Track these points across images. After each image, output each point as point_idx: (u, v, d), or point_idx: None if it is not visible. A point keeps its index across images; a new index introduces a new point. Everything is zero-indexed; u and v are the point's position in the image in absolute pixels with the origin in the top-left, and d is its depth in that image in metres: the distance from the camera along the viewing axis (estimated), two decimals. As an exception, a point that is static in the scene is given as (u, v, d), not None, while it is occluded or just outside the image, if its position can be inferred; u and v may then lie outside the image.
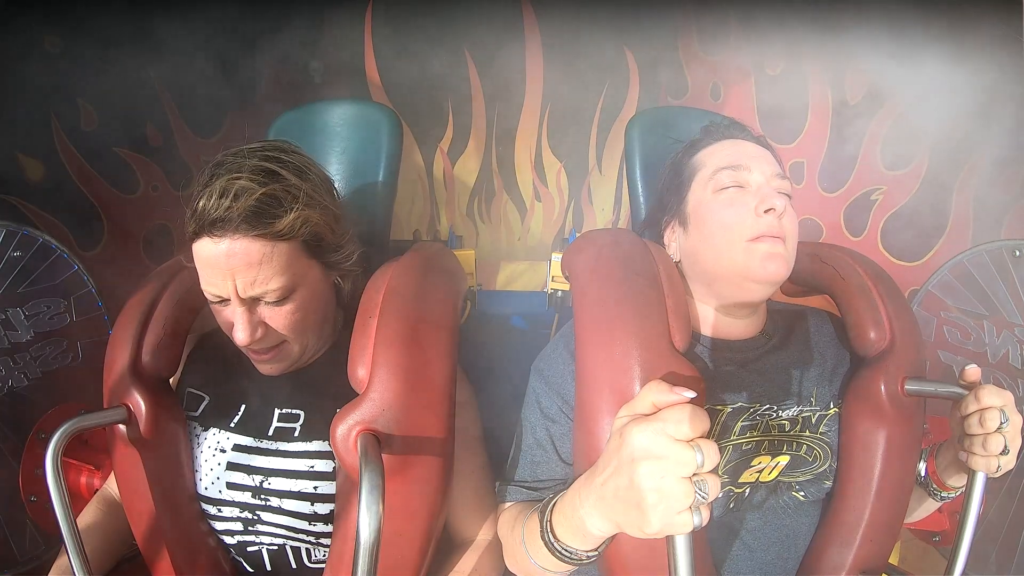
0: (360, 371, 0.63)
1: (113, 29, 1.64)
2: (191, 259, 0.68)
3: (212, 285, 0.66)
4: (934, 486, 0.73)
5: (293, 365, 0.76)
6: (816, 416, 0.72)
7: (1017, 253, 1.29)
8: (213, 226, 0.63)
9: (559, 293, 1.05)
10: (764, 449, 0.69)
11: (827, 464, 0.71)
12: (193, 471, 0.75)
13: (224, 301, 0.68)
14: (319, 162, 0.74)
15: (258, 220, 0.63)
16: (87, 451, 1.10)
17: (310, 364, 0.79)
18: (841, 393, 0.74)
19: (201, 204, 0.63)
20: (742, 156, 0.72)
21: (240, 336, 0.67)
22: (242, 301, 0.66)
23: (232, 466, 0.74)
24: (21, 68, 1.56)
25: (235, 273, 0.64)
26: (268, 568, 0.75)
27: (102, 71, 1.66)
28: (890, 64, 1.82)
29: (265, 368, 0.74)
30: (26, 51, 1.57)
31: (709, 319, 0.75)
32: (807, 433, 0.71)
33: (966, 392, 0.63)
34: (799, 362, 0.75)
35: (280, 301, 0.68)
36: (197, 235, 0.65)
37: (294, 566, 0.74)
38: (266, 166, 0.65)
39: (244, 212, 0.62)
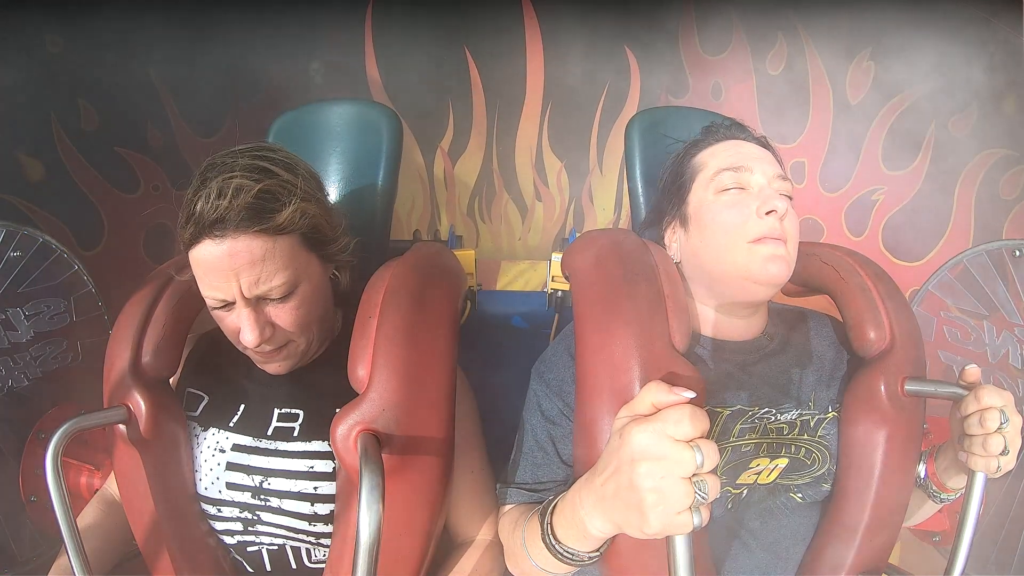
0: (360, 371, 0.63)
1: (113, 29, 1.64)
2: (181, 271, 0.68)
3: (215, 289, 0.65)
4: (934, 488, 0.73)
5: (299, 362, 0.76)
6: (815, 420, 0.72)
7: (1017, 253, 1.29)
8: (213, 227, 0.62)
9: (559, 293, 1.05)
10: (763, 451, 0.69)
11: (826, 467, 0.71)
12: (193, 471, 0.75)
13: (228, 305, 0.67)
14: (319, 162, 0.74)
15: (258, 216, 0.63)
16: (87, 451, 1.11)
17: (310, 364, 0.79)
18: (839, 397, 0.74)
19: (199, 207, 0.63)
20: (743, 157, 0.72)
21: (249, 338, 0.67)
22: (247, 301, 0.66)
23: (231, 466, 0.74)
24: (21, 68, 1.56)
25: (239, 273, 0.64)
26: (268, 568, 0.75)
27: (102, 71, 1.66)
28: (891, 64, 1.82)
29: (273, 367, 0.74)
30: (26, 51, 1.57)
31: (709, 320, 0.75)
32: (805, 436, 0.71)
33: (966, 392, 0.62)
34: (798, 365, 0.75)
35: (285, 298, 0.68)
36: (196, 239, 0.64)
37: (294, 566, 0.74)
38: (258, 164, 0.66)
39: (243, 209, 0.62)
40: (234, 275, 0.64)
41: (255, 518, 0.73)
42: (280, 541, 0.73)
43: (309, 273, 0.70)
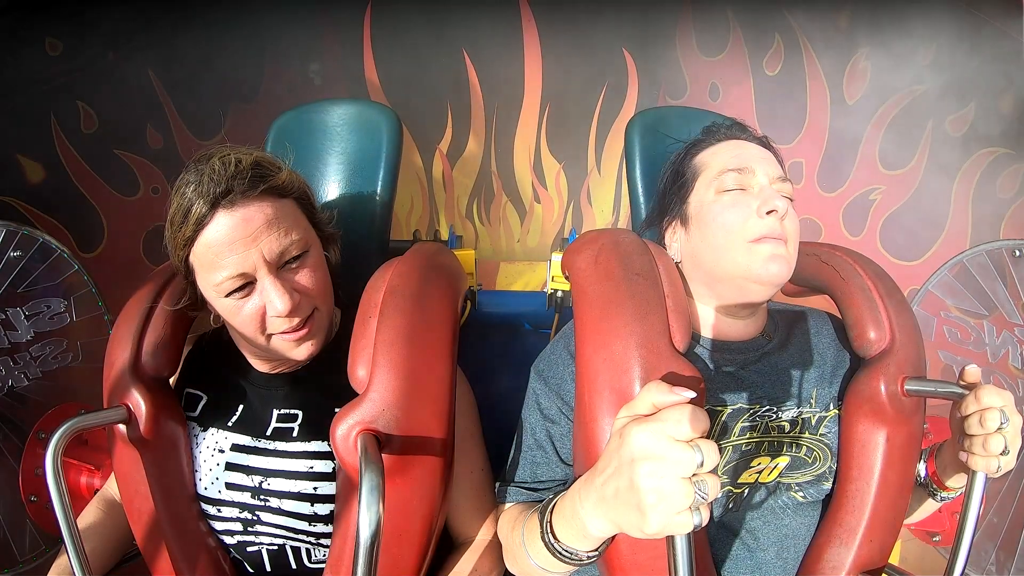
0: (360, 371, 0.63)
1: (113, 31, 1.64)
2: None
3: (233, 265, 0.65)
4: (934, 487, 0.73)
5: (324, 343, 0.76)
6: (816, 418, 0.72)
7: (1017, 253, 1.30)
8: (223, 197, 0.64)
9: (559, 293, 1.05)
10: (764, 450, 0.69)
11: (827, 465, 0.71)
12: (193, 471, 0.75)
13: (246, 287, 0.67)
14: (319, 162, 0.75)
15: (262, 177, 0.67)
16: (87, 451, 1.11)
17: (309, 364, 0.79)
18: (840, 395, 0.74)
19: (206, 184, 0.64)
20: (746, 158, 0.72)
21: (279, 305, 0.66)
22: (270, 267, 0.66)
23: (231, 466, 0.74)
24: (22, 70, 1.57)
25: (257, 237, 0.65)
26: (268, 568, 0.75)
27: (102, 73, 1.66)
28: (888, 64, 1.83)
29: (303, 349, 0.72)
30: (27, 53, 1.57)
31: (709, 320, 0.75)
32: (806, 434, 0.71)
33: (966, 392, 0.62)
34: (799, 363, 0.75)
35: (303, 258, 0.70)
36: (202, 222, 0.64)
37: (294, 566, 0.74)
38: (238, 147, 0.70)
39: (247, 173, 0.65)
40: (253, 241, 0.65)
41: (255, 518, 0.73)
42: (280, 541, 0.73)
43: (313, 240, 0.73)
